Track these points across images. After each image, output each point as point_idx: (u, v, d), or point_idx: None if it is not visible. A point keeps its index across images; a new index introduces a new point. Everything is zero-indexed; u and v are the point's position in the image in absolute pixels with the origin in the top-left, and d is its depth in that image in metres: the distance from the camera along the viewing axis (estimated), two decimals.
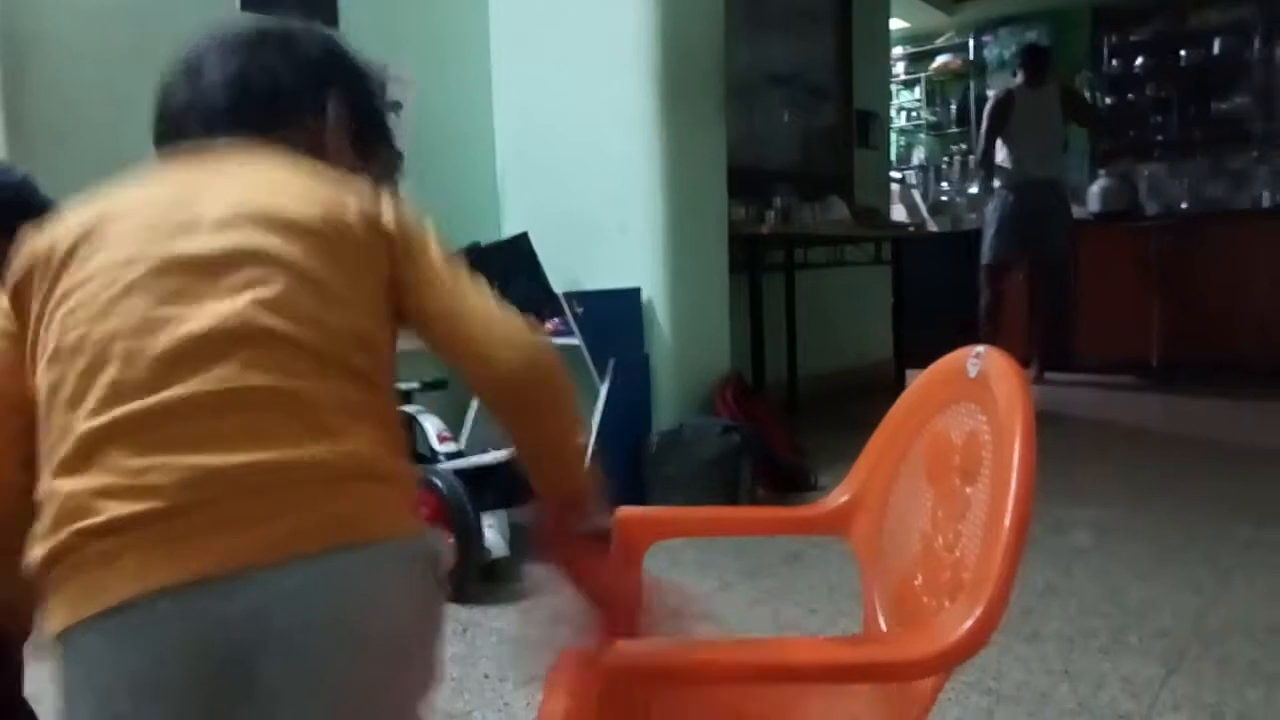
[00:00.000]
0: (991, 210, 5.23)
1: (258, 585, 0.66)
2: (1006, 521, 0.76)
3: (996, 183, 5.24)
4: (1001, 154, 5.15)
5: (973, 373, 0.93)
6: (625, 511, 1.16)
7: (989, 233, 5.20)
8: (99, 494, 0.67)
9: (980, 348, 0.94)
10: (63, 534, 0.66)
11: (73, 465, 0.69)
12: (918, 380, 1.08)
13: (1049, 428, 4.19)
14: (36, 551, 0.68)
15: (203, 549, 0.65)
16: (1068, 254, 5.31)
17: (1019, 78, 5.23)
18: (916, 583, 0.95)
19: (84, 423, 0.69)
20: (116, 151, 1.04)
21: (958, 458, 0.93)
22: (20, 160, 2.17)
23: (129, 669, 0.66)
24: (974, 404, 0.92)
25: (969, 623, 0.73)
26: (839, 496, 1.14)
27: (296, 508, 0.68)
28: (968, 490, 0.89)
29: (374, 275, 0.81)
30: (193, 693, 0.67)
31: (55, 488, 0.69)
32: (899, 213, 6.45)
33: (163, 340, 0.70)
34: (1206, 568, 2.37)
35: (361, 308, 0.79)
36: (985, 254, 5.21)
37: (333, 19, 2.98)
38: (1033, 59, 5.25)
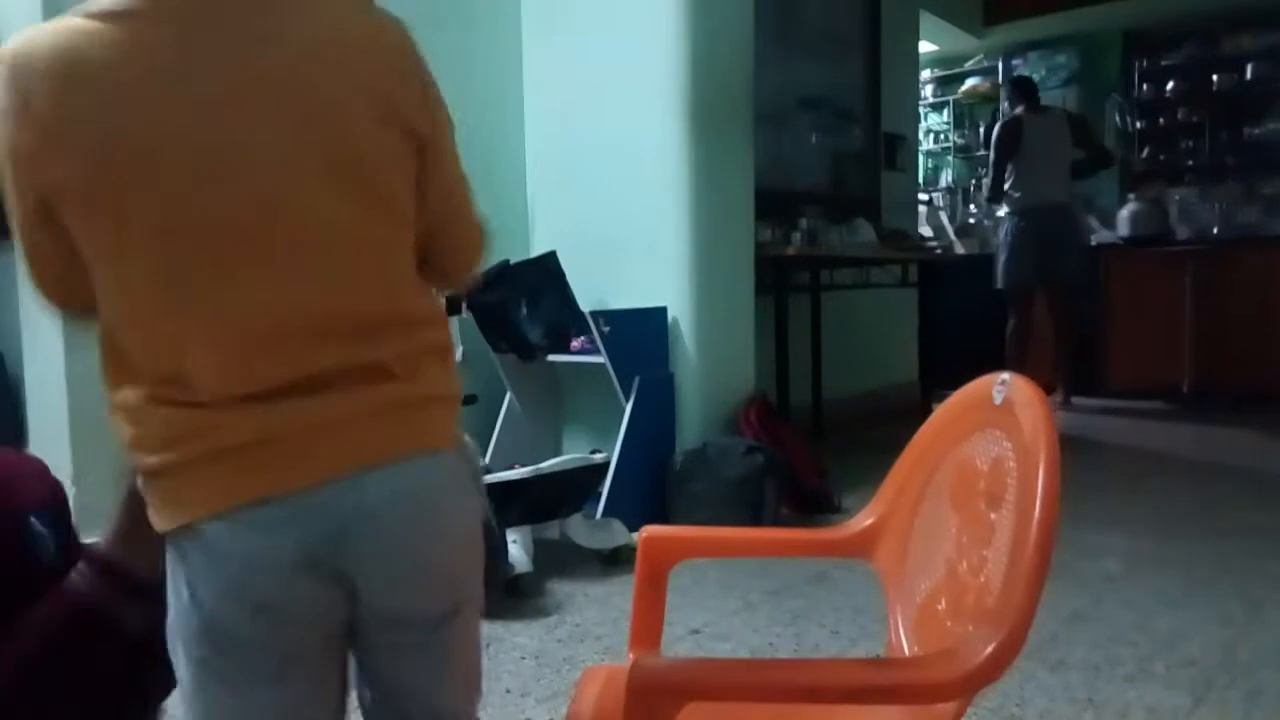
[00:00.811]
0: (1004, 235, 5.21)
1: (339, 489, 0.80)
2: (1030, 548, 0.77)
3: (1005, 208, 5.23)
4: (1011, 180, 5.14)
5: (998, 400, 0.94)
6: (650, 530, 1.18)
7: (1002, 258, 5.18)
8: (209, 425, 0.78)
9: (1005, 375, 0.95)
10: (176, 451, 0.78)
11: (178, 402, 0.79)
12: (943, 406, 1.09)
13: (1079, 454, 4.15)
14: (148, 461, 0.80)
15: (299, 464, 0.79)
16: (1083, 277, 5.28)
17: (1020, 108, 5.23)
18: (940, 606, 0.96)
19: (180, 391, 0.78)
20: None
21: (983, 483, 0.94)
22: None
23: (245, 548, 0.79)
24: (999, 430, 0.93)
25: (992, 647, 0.74)
26: (864, 519, 1.15)
27: (375, 431, 0.83)
28: (992, 516, 0.90)
29: (406, 182, 0.87)
30: (293, 568, 0.80)
31: (159, 412, 0.79)
32: (926, 235, 6.45)
33: (235, 332, 0.79)
34: (1237, 599, 2.34)
35: (403, 241, 0.88)
36: (1000, 279, 5.19)
37: None
38: (1024, 87, 5.32)
